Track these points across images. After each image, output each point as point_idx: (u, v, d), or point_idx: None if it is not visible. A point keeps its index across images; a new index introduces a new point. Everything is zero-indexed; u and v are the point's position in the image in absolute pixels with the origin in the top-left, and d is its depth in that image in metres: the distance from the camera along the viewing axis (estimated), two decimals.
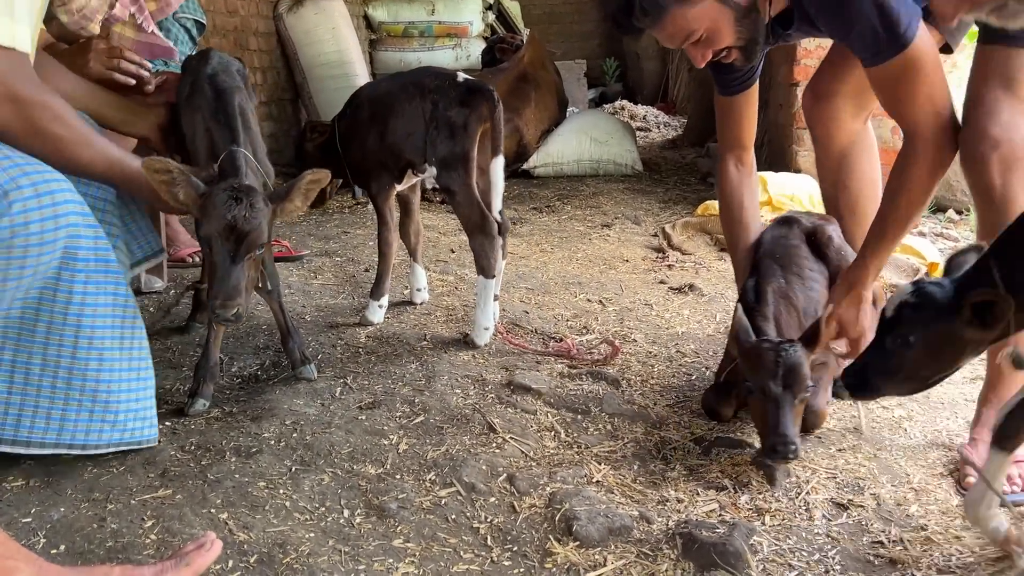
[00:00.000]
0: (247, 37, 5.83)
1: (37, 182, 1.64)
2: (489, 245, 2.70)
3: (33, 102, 1.66)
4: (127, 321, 1.93)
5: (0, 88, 1.58)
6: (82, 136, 1.81)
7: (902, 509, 1.94)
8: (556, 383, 2.53)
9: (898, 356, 1.65)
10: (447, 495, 1.90)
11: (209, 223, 1.93)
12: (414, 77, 2.81)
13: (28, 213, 1.61)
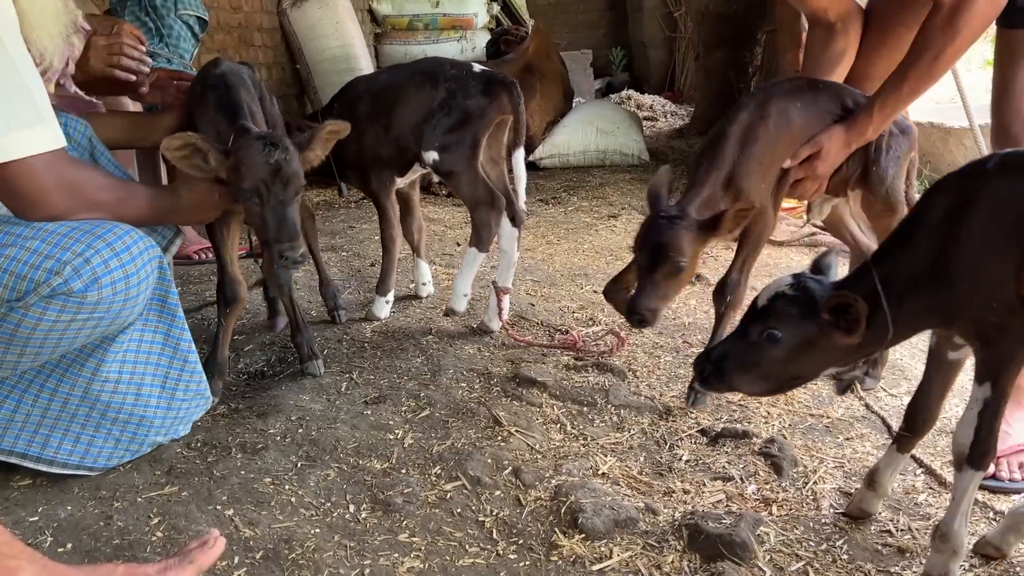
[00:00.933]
0: (251, 33, 5.82)
1: (112, 241, 1.70)
2: (495, 218, 2.71)
3: (81, 182, 1.76)
4: (175, 363, 2.00)
5: (55, 179, 1.69)
6: (125, 192, 1.89)
7: (910, 498, 1.93)
8: (562, 375, 2.52)
9: (760, 350, 1.56)
10: (452, 489, 1.89)
11: (254, 172, 1.92)
12: (424, 67, 2.79)
13: (112, 273, 1.69)
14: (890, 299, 1.51)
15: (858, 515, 1.84)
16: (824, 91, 2.30)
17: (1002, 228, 1.46)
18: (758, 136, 2.17)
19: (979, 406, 1.54)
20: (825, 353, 1.56)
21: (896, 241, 1.57)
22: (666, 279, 2.06)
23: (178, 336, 2.00)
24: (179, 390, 2.01)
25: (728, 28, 6.96)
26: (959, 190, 1.51)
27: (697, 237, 2.06)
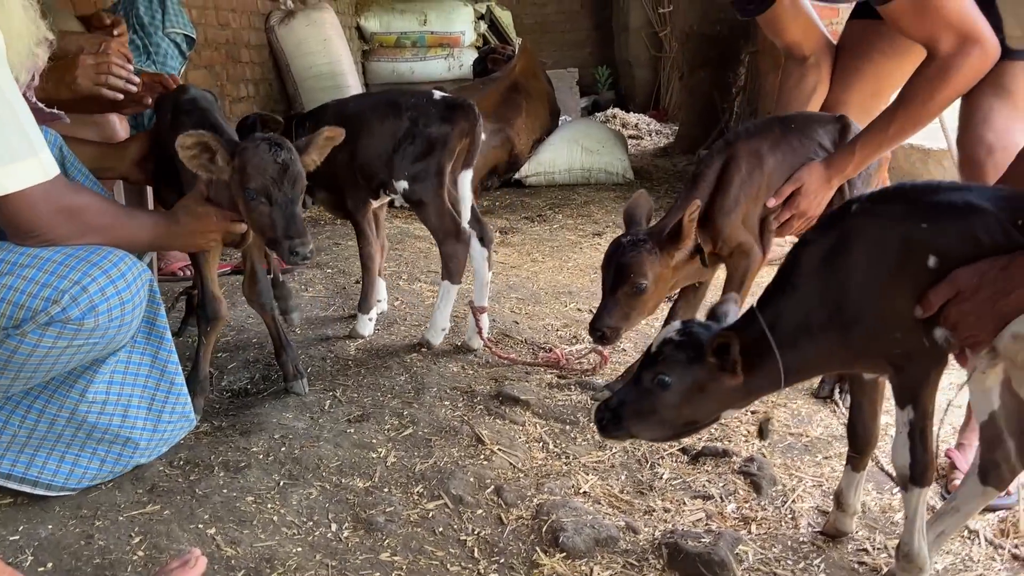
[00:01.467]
0: (239, 49, 5.85)
1: (108, 268, 1.72)
2: (462, 251, 2.74)
3: (80, 207, 1.78)
4: (163, 385, 2.00)
5: (53, 206, 1.72)
6: (124, 217, 1.91)
7: (887, 516, 1.95)
8: (545, 394, 2.54)
9: (654, 397, 1.58)
10: (435, 508, 1.90)
11: (262, 172, 1.95)
12: (387, 97, 2.82)
13: (109, 300, 1.71)
14: (781, 344, 1.52)
15: (834, 534, 1.87)
16: (795, 130, 2.35)
17: (885, 263, 1.48)
18: (732, 177, 2.25)
19: (906, 428, 1.57)
20: (716, 396, 1.58)
21: (781, 285, 1.59)
22: (627, 299, 2.15)
23: (165, 359, 2.01)
24: (165, 412, 2.01)
25: (712, 49, 7.05)
26: (831, 236, 1.54)
27: (660, 259, 2.14)
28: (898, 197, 1.54)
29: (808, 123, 2.38)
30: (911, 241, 1.47)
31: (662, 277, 2.17)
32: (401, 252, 4.13)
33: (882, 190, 1.62)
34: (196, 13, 5.07)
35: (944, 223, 1.46)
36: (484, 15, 9.39)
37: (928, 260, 1.46)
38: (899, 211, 1.50)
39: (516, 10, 10.68)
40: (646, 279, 2.13)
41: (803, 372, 1.63)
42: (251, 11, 6.11)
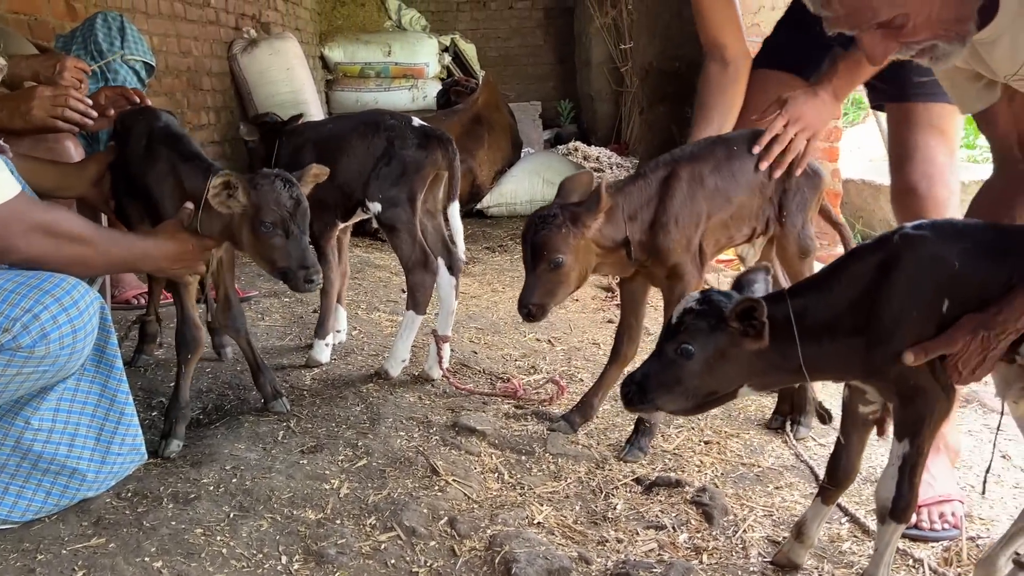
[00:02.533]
0: (200, 77, 5.82)
1: (60, 296, 1.72)
2: (429, 281, 2.75)
3: (53, 221, 1.81)
4: (112, 415, 1.98)
5: (26, 224, 1.74)
6: (100, 230, 1.97)
7: (835, 546, 1.98)
8: (501, 424, 2.54)
9: (677, 367, 1.60)
10: (387, 540, 1.89)
11: (279, 206, 2.08)
12: (367, 117, 2.84)
13: (61, 328, 1.71)
14: (803, 334, 1.56)
15: (786, 564, 1.88)
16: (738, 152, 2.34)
17: (924, 292, 1.54)
18: (672, 195, 2.24)
19: (899, 462, 1.61)
20: (737, 365, 1.59)
21: (817, 283, 1.65)
22: (547, 276, 2.16)
23: (115, 388, 1.98)
24: (114, 443, 1.98)
25: (670, 84, 7.16)
26: (885, 252, 1.59)
27: (574, 231, 2.12)
28: (949, 232, 1.59)
29: (749, 143, 2.36)
30: (941, 279, 1.54)
31: (578, 249, 2.16)
32: (360, 282, 4.12)
33: (942, 222, 1.66)
34: (157, 40, 5.05)
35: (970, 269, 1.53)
36: (448, 47, 9.48)
37: (943, 303, 1.53)
38: (949, 247, 1.55)
39: (480, 43, 10.80)
40: (560, 253, 2.13)
41: (819, 371, 1.64)
42: (213, 39, 6.10)
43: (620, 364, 2.47)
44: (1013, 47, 1.48)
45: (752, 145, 2.35)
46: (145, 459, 2.08)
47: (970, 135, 8.86)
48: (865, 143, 9.40)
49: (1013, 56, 1.51)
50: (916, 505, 1.65)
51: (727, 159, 2.33)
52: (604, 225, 2.19)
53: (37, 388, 1.81)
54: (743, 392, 1.66)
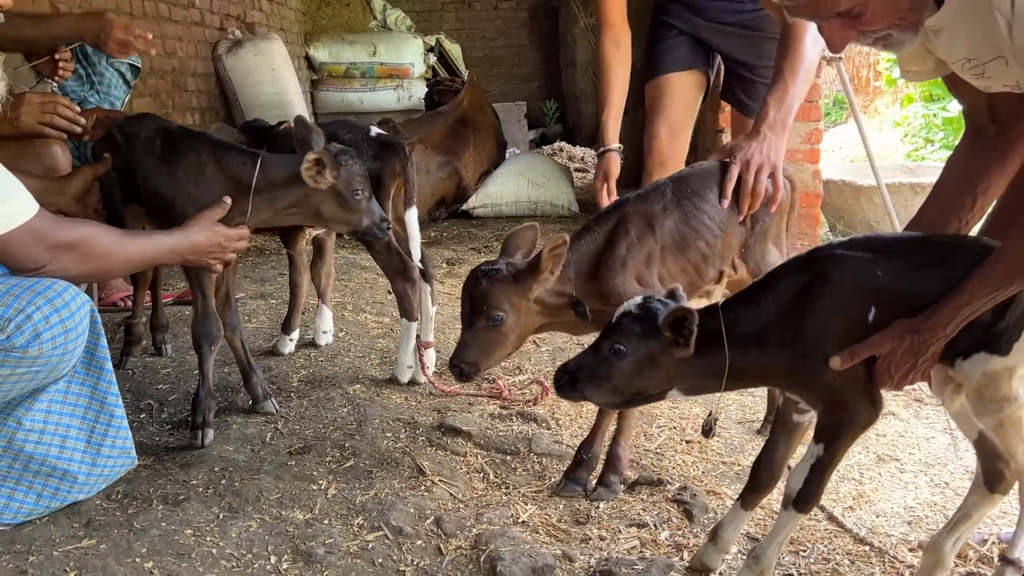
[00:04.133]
0: (185, 78, 5.83)
1: (52, 297, 1.77)
2: (411, 289, 2.78)
3: (74, 241, 1.89)
4: (102, 417, 2.01)
5: (47, 243, 1.83)
6: (123, 240, 2.03)
7: (812, 543, 2.03)
8: (487, 424, 2.58)
9: (609, 364, 1.66)
10: (374, 539, 1.93)
11: (361, 176, 2.35)
12: (328, 128, 2.86)
13: (53, 328, 1.76)
14: (732, 344, 1.62)
15: (700, 568, 1.88)
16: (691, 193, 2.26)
17: (849, 308, 1.61)
18: (619, 239, 2.15)
19: (812, 461, 1.67)
20: (665, 370, 1.66)
21: (748, 298, 1.70)
22: (485, 333, 2.02)
23: (105, 390, 2.01)
24: (105, 446, 2.00)
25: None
26: (808, 271, 1.65)
27: (517, 289, 2.00)
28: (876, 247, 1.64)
29: (703, 182, 2.29)
30: (866, 292, 1.60)
31: (521, 309, 2.03)
32: (347, 283, 4.15)
33: (862, 238, 1.71)
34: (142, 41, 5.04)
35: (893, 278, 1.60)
36: (433, 47, 9.49)
37: (869, 313, 1.59)
38: (866, 262, 1.61)
39: (465, 43, 10.82)
40: (502, 311, 2.00)
41: (745, 379, 1.71)
42: (198, 40, 6.10)
43: None
44: (950, 41, 1.54)
45: (705, 184, 2.29)
46: (135, 463, 2.10)
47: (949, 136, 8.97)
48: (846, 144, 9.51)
49: (949, 50, 1.57)
50: (818, 502, 1.72)
51: (679, 201, 2.25)
52: (548, 285, 2.05)
53: (29, 389, 1.84)
54: (672, 395, 1.72)
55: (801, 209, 4.94)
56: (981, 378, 1.58)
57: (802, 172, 4.92)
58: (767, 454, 1.82)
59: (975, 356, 1.58)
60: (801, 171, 4.91)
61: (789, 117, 2.44)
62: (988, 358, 1.57)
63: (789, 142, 4.79)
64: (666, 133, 3.04)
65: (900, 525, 2.13)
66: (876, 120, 10.34)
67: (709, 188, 2.29)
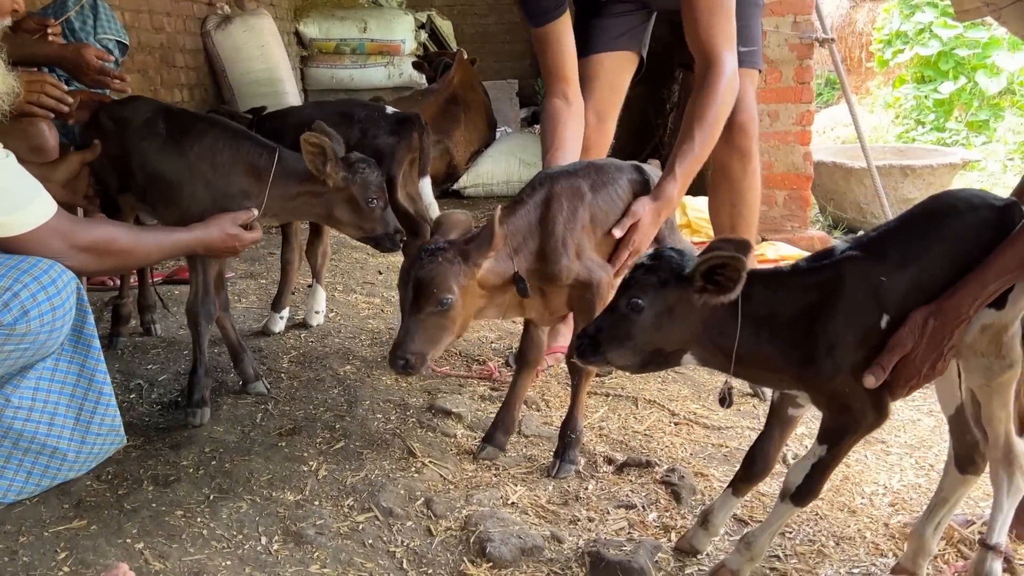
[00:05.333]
0: (174, 54, 5.76)
1: (38, 275, 1.80)
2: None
3: (93, 242, 1.96)
4: (91, 395, 2.01)
5: (67, 243, 1.89)
6: (140, 238, 2.11)
7: (798, 525, 2.06)
8: (477, 406, 2.59)
9: (628, 321, 1.62)
10: (365, 520, 1.94)
11: (378, 185, 2.43)
12: (342, 107, 2.88)
13: (40, 306, 1.78)
14: (744, 317, 1.60)
15: (688, 550, 1.90)
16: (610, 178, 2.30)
17: (861, 314, 1.60)
18: (555, 216, 2.13)
19: (814, 459, 1.67)
20: (683, 323, 1.62)
21: (768, 280, 1.67)
22: (433, 319, 1.91)
23: (93, 367, 2.01)
24: (93, 424, 2.01)
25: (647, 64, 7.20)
26: (826, 274, 1.63)
27: (465, 269, 1.92)
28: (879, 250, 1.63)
29: (619, 172, 2.33)
30: (878, 299, 1.59)
31: (468, 291, 1.95)
32: (337, 263, 4.14)
33: (865, 241, 1.68)
34: (130, 17, 4.99)
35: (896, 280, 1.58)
36: (425, 24, 9.41)
37: (882, 320, 1.59)
38: (876, 268, 1.60)
39: (457, 20, 10.74)
40: (451, 293, 1.89)
41: (755, 365, 1.67)
42: (186, 15, 6.03)
43: (529, 371, 2.36)
44: None
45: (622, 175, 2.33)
46: (124, 442, 2.10)
47: (940, 118, 8.98)
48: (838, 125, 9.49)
49: None
50: (817, 497, 1.71)
51: (603, 184, 2.26)
52: (492, 262, 1.99)
53: (17, 367, 1.85)
54: (686, 360, 1.69)
55: (791, 191, 4.98)
56: (979, 332, 1.58)
57: (793, 154, 4.92)
58: (761, 445, 1.83)
59: None
60: (792, 153, 4.92)
61: (688, 181, 2.41)
62: (986, 312, 1.57)
63: (780, 124, 4.80)
64: (593, 118, 2.86)
65: (884, 507, 2.15)
66: (868, 101, 10.33)
67: (621, 182, 2.31)
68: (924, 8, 9.32)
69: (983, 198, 1.63)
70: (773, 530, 1.76)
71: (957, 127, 8.76)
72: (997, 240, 1.56)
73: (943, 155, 6.18)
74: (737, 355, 1.63)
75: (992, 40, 8.79)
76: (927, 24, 9.17)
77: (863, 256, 1.62)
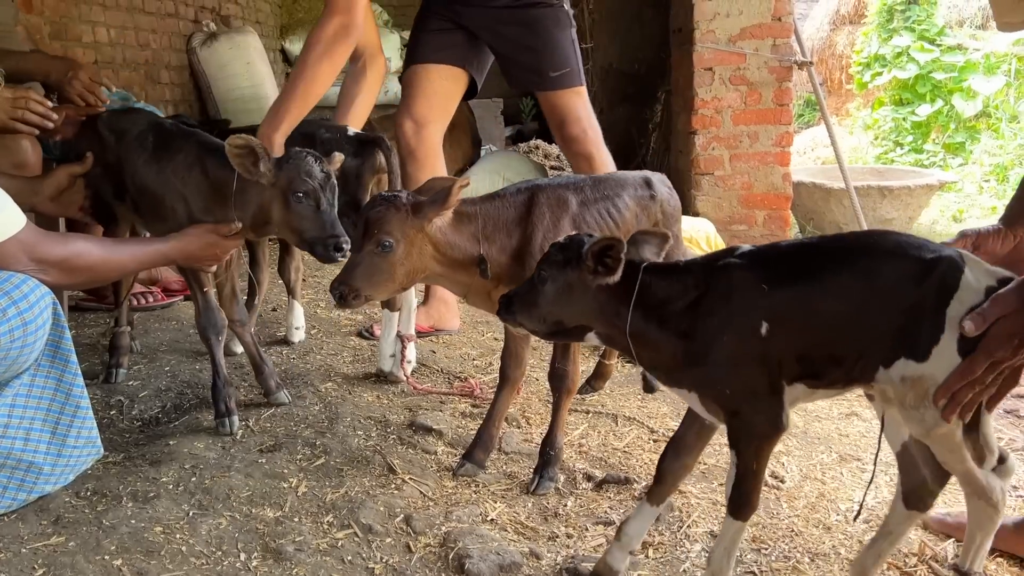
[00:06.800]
0: (159, 71, 5.78)
1: (9, 290, 1.79)
2: None
3: (61, 258, 1.94)
4: (67, 408, 2.01)
5: (33, 256, 1.87)
6: (107, 253, 2.08)
7: (773, 541, 2.08)
8: (458, 423, 2.60)
9: (536, 291, 1.72)
10: (344, 537, 1.95)
11: (310, 177, 2.17)
12: (304, 127, 2.87)
13: (10, 321, 1.78)
14: (638, 302, 1.65)
15: (605, 572, 1.84)
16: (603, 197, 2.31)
17: (739, 318, 1.62)
18: (536, 222, 2.17)
19: (735, 468, 1.68)
20: (580, 303, 1.69)
21: (666, 271, 1.71)
22: (373, 259, 1.99)
23: (70, 382, 2.01)
24: (70, 436, 2.01)
25: (630, 86, 7.29)
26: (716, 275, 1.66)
27: (413, 220, 2.00)
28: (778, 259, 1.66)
29: (620, 188, 2.35)
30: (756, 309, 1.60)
31: (414, 243, 2.02)
32: (320, 279, 4.15)
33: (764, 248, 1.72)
34: (115, 33, 5.01)
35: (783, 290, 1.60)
36: None
37: (761, 327, 1.60)
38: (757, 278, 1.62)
39: None
40: (391, 237, 1.98)
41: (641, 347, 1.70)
42: (172, 32, 6.05)
43: (510, 388, 2.39)
44: None
45: (622, 190, 2.34)
46: (101, 452, 2.10)
47: (918, 140, 9.12)
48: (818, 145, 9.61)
49: None
50: (753, 508, 1.69)
51: (597, 200, 2.28)
52: (452, 232, 2.08)
53: None
54: (590, 338, 1.76)
55: (771, 211, 5.05)
56: (901, 385, 1.57)
57: (772, 174, 4.99)
58: (673, 450, 1.83)
59: (896, 363, 1.57)
60: (771, 173, 5.00)
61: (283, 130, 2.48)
62: (907, 364, 1.56)
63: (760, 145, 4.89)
64: (411, 124, 3.18)
65: (859, 524, 2.18)
66: (848, 122, 10.47)
67: (622, 197, 2.33)
68: (902, 32, 9.49)
69: (915, 248, 1.59)
70: (725, 545, 1.73)
71: (934, 149, 8.90)
72: (915, 292, 1.54)
73: (921, 176, 6.28)
74: (632, 338, 1.68)
75: (968, 64, 8.96)
76: (904, 48, 9.34)
77: (754, 262, 1.65)
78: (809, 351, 1.62)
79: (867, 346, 1.58)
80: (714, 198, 5.02)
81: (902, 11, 9.66)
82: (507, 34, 3.12)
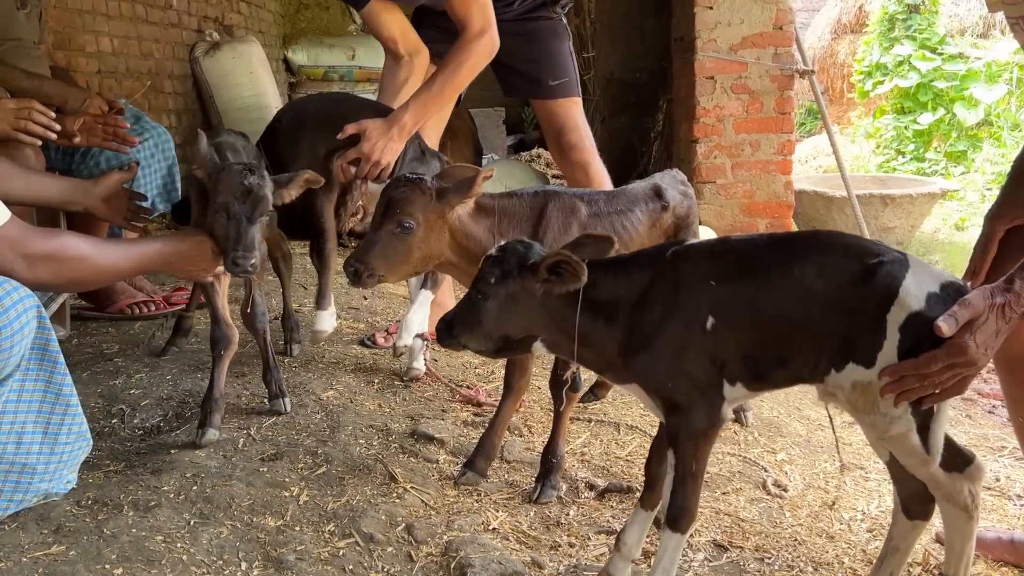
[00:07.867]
0: (162, 80, 5.79)
1: None
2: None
3: (48, 252, 1.89)
4: (57, 408, 1.98)
5: (19, 252, 1.82)
6: (95, 250, 2.02)
7: (777, 550, 2.07)
8: (460, 432, 2.60)
9: (476, 308, 1.68)
10: (345, 546, 1.94)
11: (227, 190, 2.16)
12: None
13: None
14: (585, 303, 1.64)
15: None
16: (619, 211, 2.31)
17: (684, 309, 1.62)
18: (546, 229, 2.18)
19: (672, 471, 1.66)
20: (525, 313, 1.67)
21: (610, 267, 1.70)
22: (391, 239, 1.98)
23: (60, 383, 1.99)
24: (61, 434, 1.98)
25: (632, 95, 7.31)
26: (663, 265, 1.66)
27: (435, 204, 2.00)
28: (718, 251, 1.68)
29: (633, 202, 2.35)
30: (702, 301, 1.60)
31: (434, 228, 2.02)
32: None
33: (706, 243, 1.74)
34: (118, 43, 5.03)
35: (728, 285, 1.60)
36: None
37: (707, 321, 1.60)
38: (703, 271, 1.63)
39: None
40: (413, 219, 1.97)
41: (587, 346, 1.69)
42: (175, 42, 6.07)
43: (515, 398, 2.39)
44: None
45: (634, 205, 2.33)
46: (91, 445, 2.08)
47: (920, 148, 9.13)
48: (820, 154, 9.62)
49: None
50: (691, 517, 1.67)
51: (609, 213, 2.29)
52: (471, 222, 2.09)
53: None
54: (536, 347, 1.74)
55: (773, 219, 5.05)
56: (852, 390, 1.57)
57: (774, 183, 5.00)
58: (656, 451, 1.82)
59: (846, 368, 1.56)
60: (773, 182, 5.00)
61: (423, 113, 2.69)
62: (855, 369, 1.55)
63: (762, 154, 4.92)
64: None
65: (863, 533, 2.17)
66: (849, 131, 10.48)
67: (635, 212, 2.33)
68: (903, 41, 9.51)
69: (860, 250, 1.59)
70: (664, 565, 1.67)
71: (936, 157, 8.91)
72: (856, 295, 1.54)
73: (922, 185, 6.29)
74: (580, 340, 1.67)
75: (970, 73, 8.98)
76: (906, 57, 9.36)
77: (702, 255, 1.66)
78: (754, 350, 1.61)
79: (812, 347, 1.58)
80: (716, 206, 5.03)
81: (903, 20, 9.69)
82: (507, 45, 3.14)
